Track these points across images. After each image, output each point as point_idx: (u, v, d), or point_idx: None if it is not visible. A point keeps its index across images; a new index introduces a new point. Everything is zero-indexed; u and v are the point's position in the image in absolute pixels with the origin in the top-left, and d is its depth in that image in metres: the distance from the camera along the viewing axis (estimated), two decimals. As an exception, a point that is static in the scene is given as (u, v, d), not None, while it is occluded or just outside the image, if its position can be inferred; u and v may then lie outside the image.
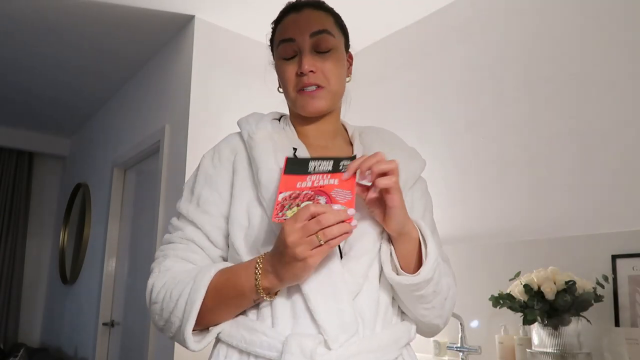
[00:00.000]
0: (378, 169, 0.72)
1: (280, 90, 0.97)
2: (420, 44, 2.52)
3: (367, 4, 2.45)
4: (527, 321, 1.58)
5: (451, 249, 2.07)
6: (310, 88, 0.88)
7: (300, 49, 0.88)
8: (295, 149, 0.89)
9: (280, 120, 0.97)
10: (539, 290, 1.55)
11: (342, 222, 0.68)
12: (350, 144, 0.97)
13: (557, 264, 1.67)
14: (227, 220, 0.86)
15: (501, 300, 1.65)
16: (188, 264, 0.84)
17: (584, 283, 1.54)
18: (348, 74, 0.97)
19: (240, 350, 0.78)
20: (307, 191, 0.73)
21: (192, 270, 0.81)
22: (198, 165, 0.94)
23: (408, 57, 2.58)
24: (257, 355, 0.76)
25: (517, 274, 1.69)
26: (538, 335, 1.60)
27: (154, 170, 2.93)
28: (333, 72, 0.89)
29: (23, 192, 4.49)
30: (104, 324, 3.18)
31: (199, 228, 0.86)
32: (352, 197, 0.72)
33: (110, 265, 3.27)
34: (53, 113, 4.06)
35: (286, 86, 0.91)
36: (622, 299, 1.59)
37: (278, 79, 0.97)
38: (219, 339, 0.82)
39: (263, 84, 1.15)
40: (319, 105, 0.89)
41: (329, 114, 0.94)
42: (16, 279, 4.32)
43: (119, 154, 3.33)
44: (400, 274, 0.79)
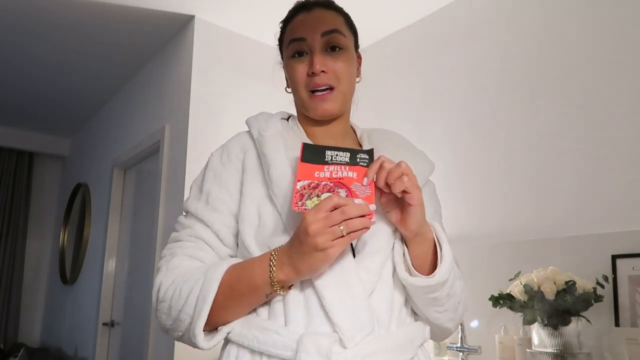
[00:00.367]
0: (392, 178, 0.72)
1: (289, 90, 0.96)
2: (422, 44, 2.52)
3: (368, 4, 2.45)
4: (527, 321, 1.58)
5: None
6: (322, 89, 0.87)
7: (311, 48, 0.87)
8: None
9: (288, 120, 0.96)
10: (539, 290, 1.55)
11: (363, 216, 0.68)
12: (360, 146, 0.96)
13: (557, 264, 1.67)
14: (237, 218, 0.84)
15: (501, 300, 1.65)
16: (197, 262, 0.82)
17: (584, 283, 1.54)
18: (358, 74, 0.96)
19: (252, 350, 0.76)
20: (326, 182, 0.73)
21: (202, 267, 0.78)
22: (206, 164, 0.93)
23: (409, 56, 2.58)
24: (270, 355, 0.74)
25: (517, 274, 1.69)
26: (538, 335, 1.59)
27: (153, 170, 2.92)
28: (344, 72, 0.88)
29: (23, 192, 4.48)
30: (104, 324, 3.18)
31: (208, 226, 0.84)
32: (372, 193, 0.72)
33: (110, 265, 3.27)
34: (53, 113, 4.06)
35: (296, 86, 0.89)
36: (622, 299, 1.59)
37: (286, 79, 0.96)
38: (228, 340, 0.80)
39: (263, 84, 1.15)
40: (330, 109, 0.88)
41: (339, 116, 0.93)
42: (16, 279, 4.31)
43: (118, 154, 3.33)
44: (413, 275, 0.78)
